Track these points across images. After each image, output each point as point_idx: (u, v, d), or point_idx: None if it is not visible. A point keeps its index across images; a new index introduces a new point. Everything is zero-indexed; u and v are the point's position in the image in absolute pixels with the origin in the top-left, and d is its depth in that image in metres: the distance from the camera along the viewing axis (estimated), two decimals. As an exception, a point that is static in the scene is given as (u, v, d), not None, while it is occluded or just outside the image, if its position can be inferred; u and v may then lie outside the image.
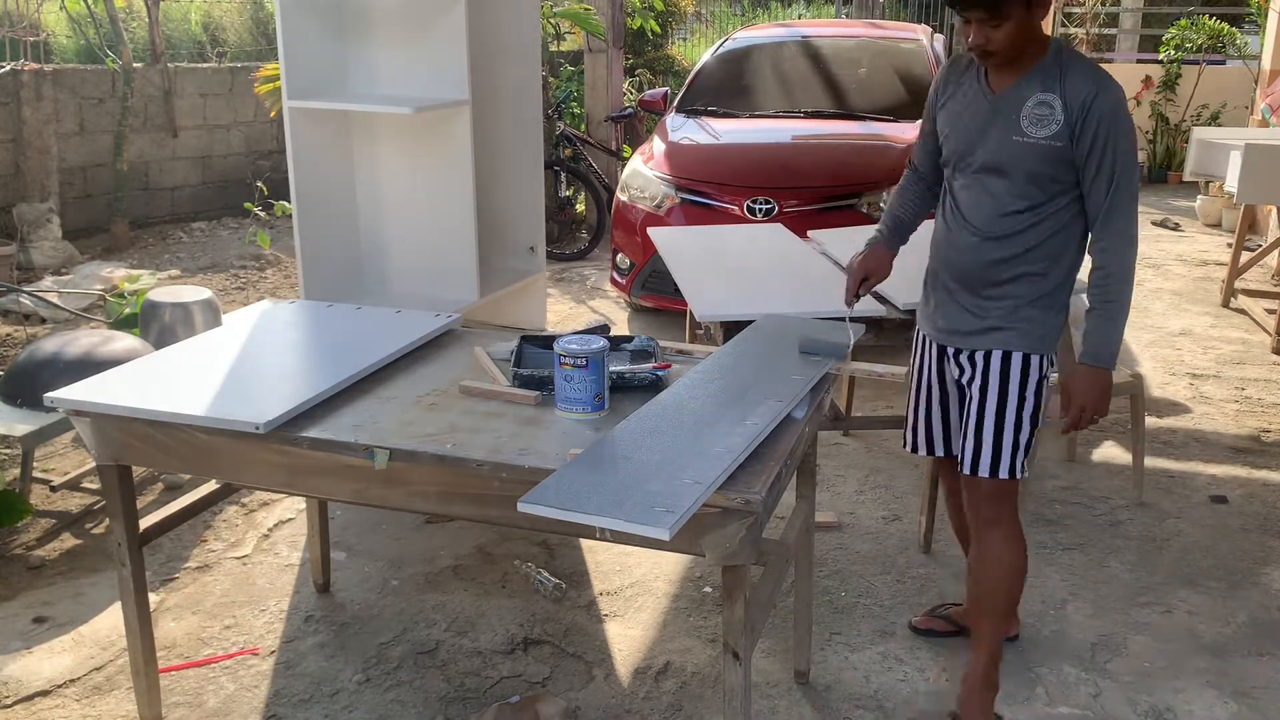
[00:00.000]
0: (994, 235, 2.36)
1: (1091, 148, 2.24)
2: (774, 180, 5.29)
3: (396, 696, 2.68)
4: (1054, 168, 2.29)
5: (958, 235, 2.42)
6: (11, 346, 5.18)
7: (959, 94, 2.43)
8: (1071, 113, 2.24)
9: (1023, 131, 2.28)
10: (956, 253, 2.43)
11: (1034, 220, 2.33)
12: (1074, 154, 2.27)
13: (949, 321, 2.48)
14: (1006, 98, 2.32)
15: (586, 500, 1.76)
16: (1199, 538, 3.48)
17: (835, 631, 2.94)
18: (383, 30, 3.58)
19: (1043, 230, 2.34)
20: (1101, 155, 2.24)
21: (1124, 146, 2.25)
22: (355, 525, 3.51)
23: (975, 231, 2.38)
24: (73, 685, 2.73)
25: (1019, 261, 2.36)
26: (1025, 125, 2.28)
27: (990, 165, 2.34)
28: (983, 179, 2.36)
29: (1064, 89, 2.25)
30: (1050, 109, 2.26)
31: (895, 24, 8.58)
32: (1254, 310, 5.84)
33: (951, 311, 2.47)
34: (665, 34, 12.59)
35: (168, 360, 2.50)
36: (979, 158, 2.36)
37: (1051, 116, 2.26)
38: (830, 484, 3.82)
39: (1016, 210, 2.33)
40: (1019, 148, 2.29)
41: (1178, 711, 2.64)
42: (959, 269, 2.43)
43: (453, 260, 3.59)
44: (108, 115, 7.42)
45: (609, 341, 2.26)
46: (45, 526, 3.49)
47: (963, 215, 2.41)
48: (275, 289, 6.52)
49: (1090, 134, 2.23)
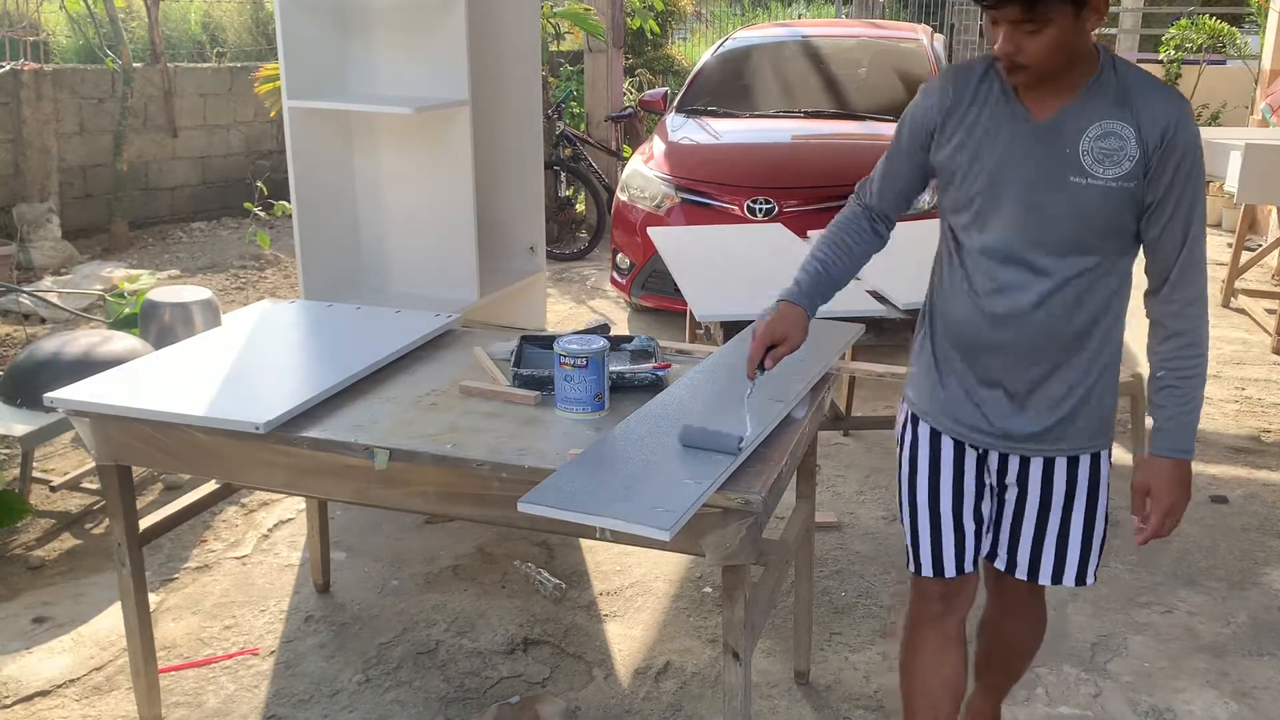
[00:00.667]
0: (1046, 307, 1.87)
1: (1169, 189, 1.79)
2: (774, 180, 5.29)
3: (396, 697, 2.68)
4: (1124, 217, 1.82)
5: (988, 308, 1.90)
6: (11, 346, 5.18)
7: (979, 119, 1.88)
8: (1148, 145, 1.77)
9: (1084, 170, 1.79)
10: (988, 330, 1.92)
11: (1092, 281, 1.86)
12: (1144, 195, 1.81)
13: (991, 421, 1.97)
14: (1057, 126, 1.81)
15: (586, 500, 1.76)
16: (1199, 538, 3.48)
17: (835, 631, 2.94)
18: (383, 30, 3.58)
19: (1103, 293, 1.88)
20: (1179, 199, 1.80)
21: (1200, 188, 1.82)
22: (355, 525, 3.51)
23: (1016, 303, 1.88)
24: (73, 685, 2.73)
25: (1076, 337, 1.89)
26: (1088, 162, 1.79)
27: (1033, 216, 1.83)
28: (1021, 235, 1.85)
29: (1137, 115, 1.77)
30: (1121, 141, 1.78)
31: (895, 24, 8.58)
32: (1254, 310, 5.84)
33: (992, 407, 1.97)
34: (665, 34, 12.59)
35: (168, 360, 2.50)
36: (1020, 204, 1.84)
37: (1124, 151, 1.78)
38: (830, 484, 3.82)
39: (1076, 273, 1.85)
40: (1080, 192, 1.80)
41: (1178, 711, 2.64)
42: (993, 350, 1.93)
43: (453, 260, 3.59)
44: (108, 115, 7.42)
45: (609, 341, 2.26)
46: (45, 526, 3.49)
47: (993, 283, 1.89)
48: (275, 289, 6.51)
49: (1169, 173, 1.78)
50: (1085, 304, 1.88)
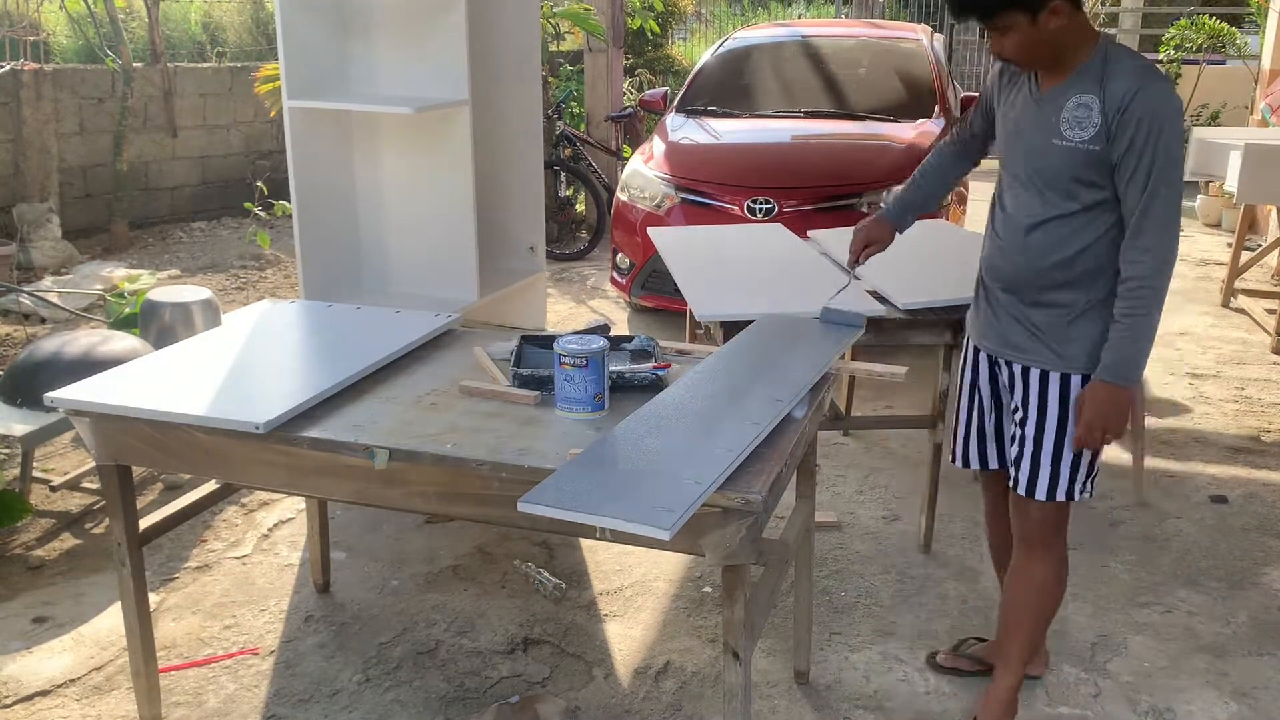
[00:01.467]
0: (1036, 242, 2.27)
1: (1128, 150, 2.11)
2: (774, 180, 5.29)
3: (396, 696, 2.68)
4: (1092, 173, 2.17)
5: (1002, 240, 2.34)
6: (11, 346, 5.18)
7: (1012, 91, 2.34)
8: (1109, 113, 2.12)
9: (1061, 134, 2.18)
10: (1001, 259, 2.35)
11: (1075, 227, 2.22)
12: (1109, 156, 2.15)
13: (998, 331, 2.39)
14: (1050, 99, 2.22)
15: (586, 500, 1.76)
16: (1199, 538, 3.48)
17: (835, 631, 2.94)
18: (383, 30, 3.58)
19: (1085, 238, 2.22)
20: (1138, 158, 2.11)
21: (1164, 149, 2.10)
22: (355, 525, 3.51)
23: (1017, 237, 2.30)
24: (73, 685, 2.73)
25: (1062, 271, 2.25)
26: (1064, 128, 2.18)
27: (1030, 168, 2.26)
28: (1024, 182, 2.28)
29: (1104, 89, 2.13)
30: (1089, 111, 2.14)
31: (895, 24, 8.58)
32: (1254, 310, 5.84)
33: (1000, 321, 2.38)
34: (665, 34, 12.59)
35: (167, 360, 2.50)
36: (1020, 160, 2.29)
37: (1089, 119, 2.14)
38: (830, 484, 3.83)
39: (1058, 216, 2.23)
40: (1057, 151, 2.20)
41: (1178, 711, 2.64)
42: (1004, 276, 2.35)
43: (453, 260, 3.59)
44: (108, 115, 7.42)
45: (609, 341, 2.26)
46: (45, 526, 3.49)
47: (1006, 219, 2.33)
48: (275, 289, 6.52)
49: (1127, 135, 2.10)
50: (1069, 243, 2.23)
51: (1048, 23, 2.10)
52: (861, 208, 5.12)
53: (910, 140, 5.53)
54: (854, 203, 5.16)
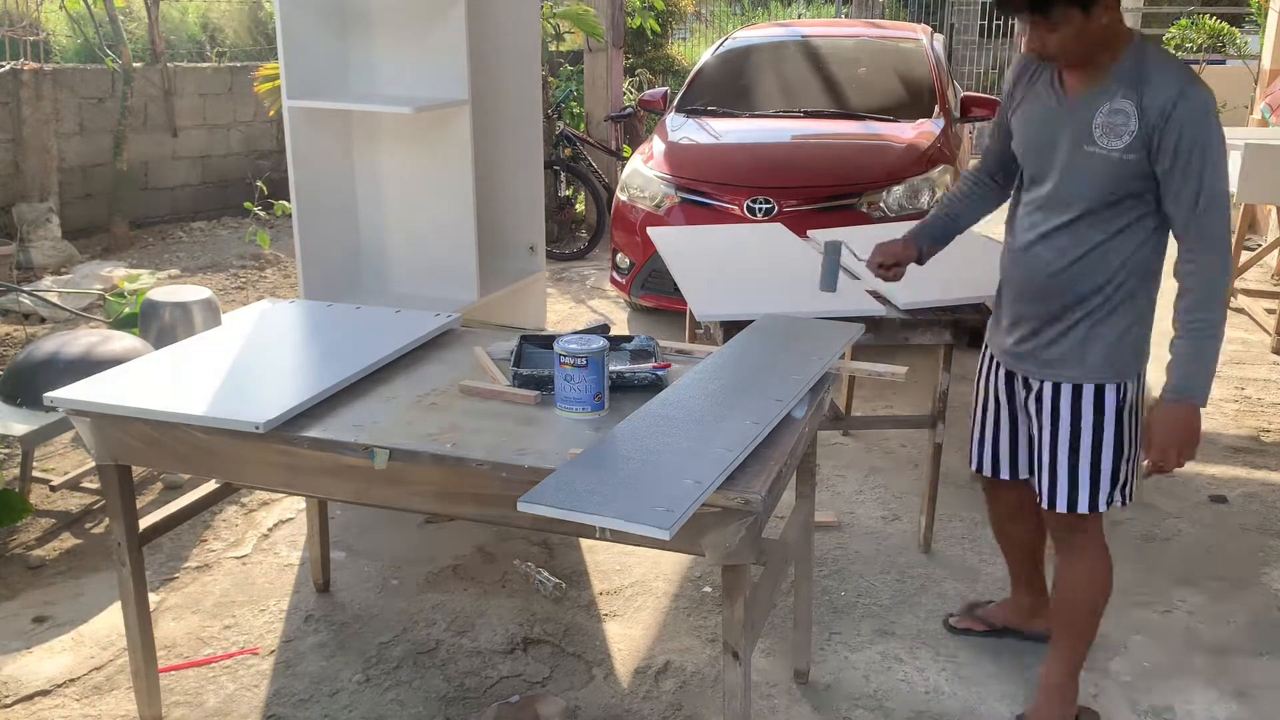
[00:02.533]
0: (1063, 253, 2.20)
1: (1175, 161, 2.04)
2: (774, 180, 5.29)
3: (396, 696, 2.68)
4: (1127, 183, 2.11)
5: (1024, 252, 2.28)
6: (11, 346, 5.18)
7: (1031, 95, 2.26)
8: (1149, 122, 2.04)
9: (1094, 141, 2.10)
10: (1023, 270, 2.29)
11: (1104, 237, 2.16)
12: (1152, 167, 2.08)
13: (1018, 345, 2.35)
14: (1080, 103, 2.13)
15: (586, 499, 1.76)
16: (1199, 538, 3.48)
17: (835, 631, 2.94)
18: (383, 30, 3.58)
19: (1117, 249, 2.16)
20: (1186, 168, 2.04)
21: (1211, 158, 2.05)
22: (355, 525, 3.51)
23: (1042, 248, 2.23)
24: (73, 685, 2.73)
25: (1088, 281, 2.19)
26: (1097, 135, 2.09)
27: (1059, 177, 2.18)
28: (1051, 191, 2.20)
29: (1142, 95, 2.05)
30: (1125, 117, 2.06)
31: (895, 24, 8.57)
32: (1254, 310, 5.84)
33: (1020, 334, 2.34)
34: (665, 34, 12.58)
35: (167, 360, 2.50)
36: (1047, 167, 2.20)
37: (1126, 126, 2.06)
38: (830, 484, 3.83)
39: (1088, 227, 2.16)
40: (1089, 159, 2.11)
41: (1178, 711, 2.64)
42: (1026, 288, 2.29)
43: (453, 260, 3.59)
44: (107, 115, 7.42)
45: (609, 341, 2.26)
46: (45, 526, 3.49)
47: (1030, 230, 2.26)
48: (275, 289, 6.51)
49: (1172, 146, 2.03)
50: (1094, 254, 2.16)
51: (1100, 17, 2.04)
52: (861, 207, 5.12)
53: (910, 140, 5.53)
54: (854, 203, 5.16)
